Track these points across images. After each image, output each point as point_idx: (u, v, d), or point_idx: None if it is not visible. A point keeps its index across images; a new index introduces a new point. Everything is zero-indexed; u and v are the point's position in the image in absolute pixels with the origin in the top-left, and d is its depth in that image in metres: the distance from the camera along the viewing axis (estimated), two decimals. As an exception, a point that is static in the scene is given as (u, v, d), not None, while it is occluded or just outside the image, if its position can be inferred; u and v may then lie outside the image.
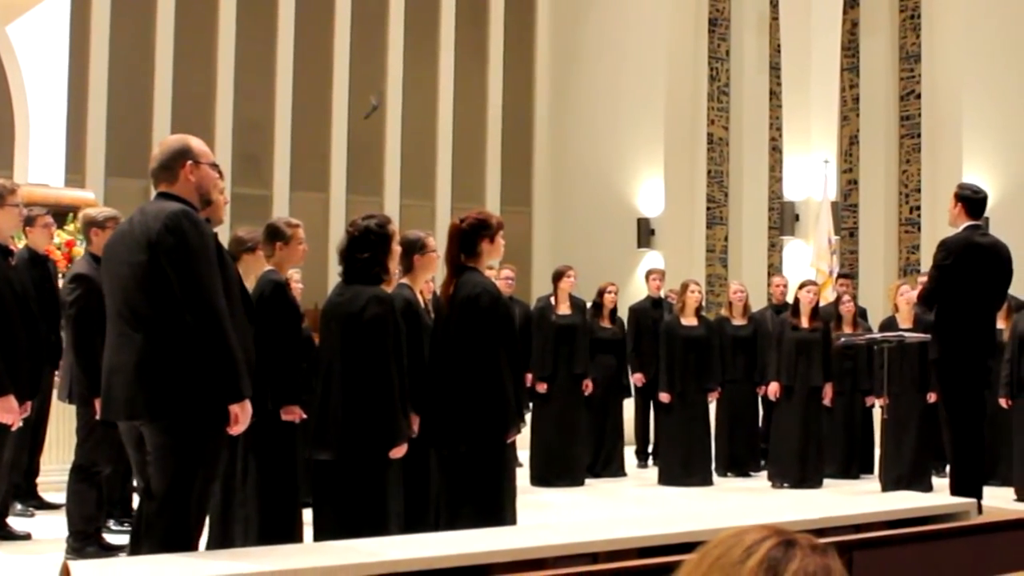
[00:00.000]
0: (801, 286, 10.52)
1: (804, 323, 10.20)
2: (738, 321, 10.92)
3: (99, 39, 13.89)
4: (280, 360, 5.78)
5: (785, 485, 10.04)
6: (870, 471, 10.62)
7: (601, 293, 10.96)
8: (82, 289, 6.49)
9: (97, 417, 5.01)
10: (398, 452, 5.22)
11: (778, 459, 10.23)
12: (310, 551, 4.61)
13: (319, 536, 5.22)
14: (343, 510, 5.15)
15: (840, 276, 12.88)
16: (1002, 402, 9.41)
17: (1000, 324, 9.10)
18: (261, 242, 6.28)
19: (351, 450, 5.15)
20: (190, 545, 4.38)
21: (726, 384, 10.67)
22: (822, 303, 12.33)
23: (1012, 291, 9.96)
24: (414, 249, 6.17)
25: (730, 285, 11.63)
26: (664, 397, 10.35)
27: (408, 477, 5.71)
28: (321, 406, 5.30)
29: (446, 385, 5.54)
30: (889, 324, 10.05)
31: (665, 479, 10.32)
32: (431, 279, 7.13)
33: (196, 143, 4.59)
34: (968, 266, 7.19)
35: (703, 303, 10.70)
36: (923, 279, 8.32)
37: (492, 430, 5.47)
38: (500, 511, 5.49)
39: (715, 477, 10.53)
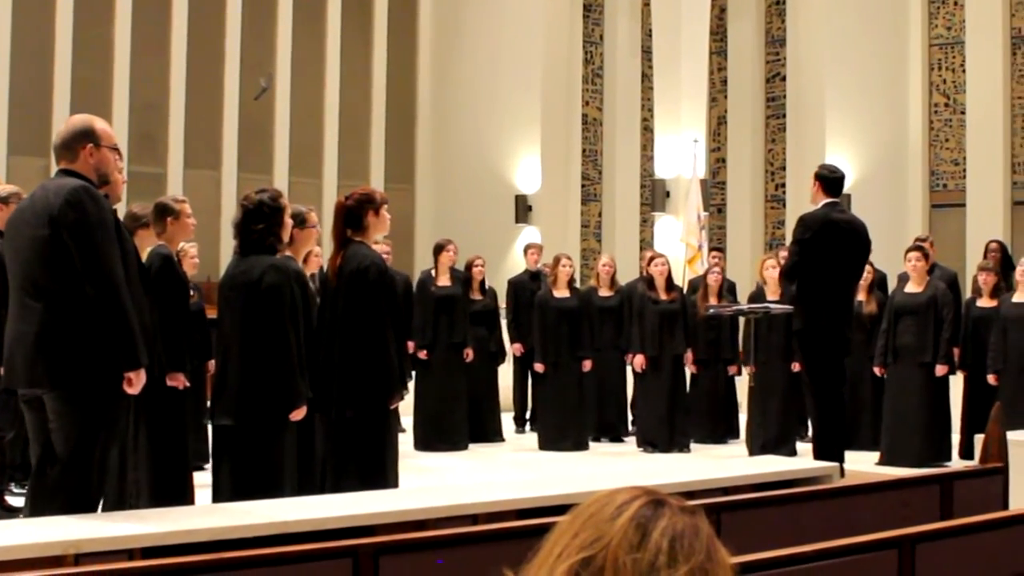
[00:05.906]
0: (649, 261, 10.83)
1: (662, 296, 10.50)
2: (605, 292, 11.14)
3: (0, 23, 13.82)
4: (167, 330, 5.96)
5: (655, 450, 10.31)
6: (735, 436, 11.06)
7: (469, 267, 11.21)
8: None
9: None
10: (298, 414, 5.41)
11: (646, 426, 10.52)
12: (208, 512, 4.76)
13: (218, 497, 5.37)
14: (242, 472, 5.32)
15: (713, 249, 13.24)
16: (876, 370, 9.66)
17: (860, 296, 9.56)
18: (151, 219, 6.47)
19: (251, 414, 5.31)
20: (92, 507, 4.55)
21: (594, 352, 10.85)
22: (691, 276, 12.77)
23: (877, 264, 10.52)
24: (296, 223, 6.42)
25: (599, 259, 11.95)
26: (539, 367, 10.62)
27: (297, 441, 5.93)
28: (220, 374, 5.47)
29: (334, 353, 5.74)
30: (757, 296, 10.35)
31: (543, 443, 10.60)
32: (319, 254, 7.36)
33: (100, 126, 4.70)
34: (827, 241, 7.44)
35: (576, 276, 10.97)
36: (784, 253, 8.66)
37: (377, 396, 5.71)
38: (383, 474, 5.74)
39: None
